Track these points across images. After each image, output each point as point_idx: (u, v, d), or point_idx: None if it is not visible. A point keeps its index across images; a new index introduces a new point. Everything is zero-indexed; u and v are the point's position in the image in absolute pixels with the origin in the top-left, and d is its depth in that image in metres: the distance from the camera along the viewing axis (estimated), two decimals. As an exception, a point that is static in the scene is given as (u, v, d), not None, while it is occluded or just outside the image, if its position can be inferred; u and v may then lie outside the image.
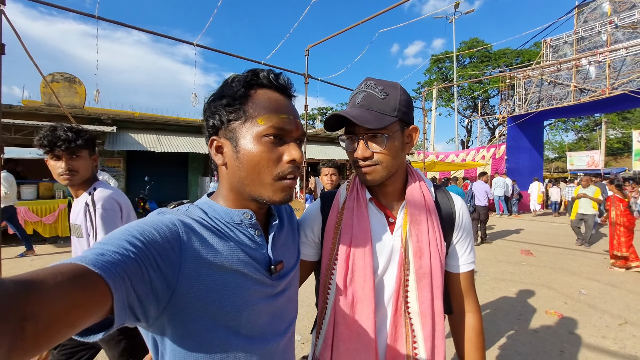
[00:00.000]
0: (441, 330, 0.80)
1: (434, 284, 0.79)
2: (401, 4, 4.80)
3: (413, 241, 0.80)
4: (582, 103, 11.99)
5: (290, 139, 0.64)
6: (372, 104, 0.75)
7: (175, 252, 0.52)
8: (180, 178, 12.51)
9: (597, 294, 4.19)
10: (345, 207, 0.86)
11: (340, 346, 0.80)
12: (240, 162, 0.61)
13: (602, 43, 12.21)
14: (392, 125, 0.76)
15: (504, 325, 3.28)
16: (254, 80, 0.63)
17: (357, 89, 0.80)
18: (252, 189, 0.63)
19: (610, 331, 3.18)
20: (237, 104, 0.61)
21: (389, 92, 0.76)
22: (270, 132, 0.60)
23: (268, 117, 0.60)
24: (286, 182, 0.63)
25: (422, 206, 0.82)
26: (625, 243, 5.34)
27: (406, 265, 0.80)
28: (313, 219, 0.91)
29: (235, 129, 0.62)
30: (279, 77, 0.65)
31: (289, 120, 0.63)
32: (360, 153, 0.77)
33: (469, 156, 15.56)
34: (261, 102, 0.62)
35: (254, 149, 0.60)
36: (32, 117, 9.07)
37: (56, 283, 0.34)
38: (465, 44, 26.98)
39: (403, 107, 0.77)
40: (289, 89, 0.67)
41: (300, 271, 0.85)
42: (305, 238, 0.90)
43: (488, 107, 29.44)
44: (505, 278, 4.81)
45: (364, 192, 0.86)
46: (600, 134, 25.54)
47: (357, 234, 0.81)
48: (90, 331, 0.42)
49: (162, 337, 0.55)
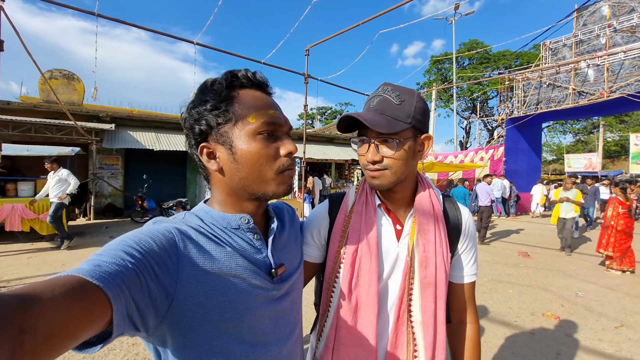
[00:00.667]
0: (442, 340, 0.80)
1: (437, 294, 0.79)
2: (402, 5, 4.80)
3: (419, 251, 0.80)
4: (581, 106, 12.04)
5: (282, 133, 0.65)
6: (386, 109, 0.75)
7: (172, 260, 0.52)
8: (179, 176, 12.48)
9: (594, 297, 4.22)
10: (354, 211, 0.86)
11: (341, 350, 0.80)
12: (239, 163, 0.61)
13: (601, 46, 12.25)
14: (405, 131, 0.75)
15: (500, 327, 3.30)
16: (235, 81, 0.63)
17: (374, 93, 0.80)
18: (256, 187, 0.63)
19: (607, 334, 3.20)
20: (223, 107, 0.61)
21: (404, 98, 0.76)
22: (263, 129, 0.61)
23: (258, 115, 0.61)
24: (287, 174, 0.65)
25: (431, 216, 0.82)
26: (613, 244, 5.40)
27: (411, 274, 0.80)
28: (320, 220, 0.91)
29: (227, 132, 0.61)
30: (256, 74, 0.65)
31: (278, 115, 0.64)
32: (370, 156, 0.77)
33: (467, 157, 15.60)
34: (247, 101, 0.62)
35: (251, 147, 0.60)
36: (30, 114, 9.03)
37: (54, 295, 0.34)
38: (465, 46, 27.05)
39: (418, 114, 0.76)
40: (267, 86, 0.67)
41: (304, 273, 0.85)
42: (311, 239, 0.90)
43: (487, 109, 29.53)
44: (503, 280, 4.83)
45: (374, 197, 0.86)
46: (598, 137, 25.68)
47: (365, 239, 0.81)
48: (89, 344, 0.42)
49: (164, 347, 0.55)
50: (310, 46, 7.21)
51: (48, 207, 6.38)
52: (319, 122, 40.66)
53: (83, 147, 8.93)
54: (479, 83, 23.99)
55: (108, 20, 5.09)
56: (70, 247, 5.95)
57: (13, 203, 6.02)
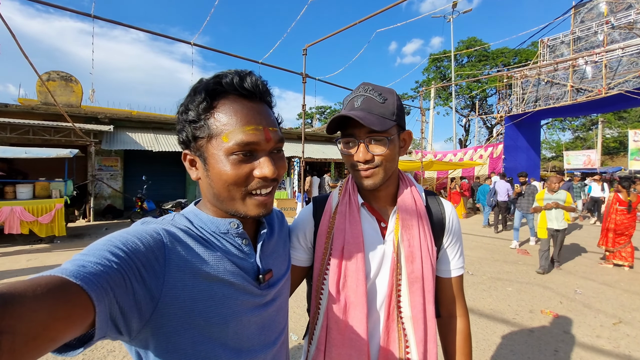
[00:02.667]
0: (433, 334, 0.80)
1: (425, 288, 0.80)
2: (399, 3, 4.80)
3: (405, 246, 0.80)
4: (579, 103, 12.05)
5: (262, 151, 0.60)
6: (372, 108, 0.75)
7: (159, 263, 0.51)
8: (178, 177, 12.48)
9: (592, 294, 4.23)
10: (338, 212, 0.86)
11: (332, 351, 0.80)
12: (211, 179, 0.60)
13: (599, 43, 12.25)
14: (392, 129, 0.77)
15: (499, 324, 3.30)
16: (218, 88, 0.58)
17: (355, 93, 0.79)
18: (226, 204, 0.61)
19: (605, 330, 3.21)
20: (201, 120, 0.58)
21: (387, 97, 0.77)
22: (236, 150, 0.56)
23: (232, 133, 0.56)
24: (259, 199, 0.60)
25: (414, 211, 0.83)
26: (613, 239, 5.40)
27: (398, 270, 0.80)
28: (305, 223, 0.91)
29: (201, 147, 0.59)
30: (244, 80, 0.59)
31: (257, 132, 0.58)
32: (362, 156, 0.76)
33: (466, 155, 15.61)
34: (225, 115, 0.57)
35: (222, 168, 0.57)
36: (28, 116, 9.02)
37: (35, 296, 0.33)
38: (463, 43, 27.02)
39: (400, 112, 0.79)
40: (257, 93, 0.60)
41: (293, 277, 0.85)
42: (297, 243, 0.89)
43: (486, 106, 29.51)
44: (502, 277, 4.84)
45: (356, 196, 0.86)
46: (597, 134, 25.69)
47: (350, 238, 0.81)
48: (69, 346, 0.41)
49: (146, 351, 0.53)
50: (307, 45, 7.21)
51: (47, 210, 6.38)
52: (318, 122, 40.62)
53: (82, 149, 8.92)
54: (477, 81, 23.98)
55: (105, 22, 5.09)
56: (71, 248, 5.95)
57: (12, 206, 6.02)
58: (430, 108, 21.27)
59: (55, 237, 6.61)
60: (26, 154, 6.62)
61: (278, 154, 0.64)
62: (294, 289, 0.91)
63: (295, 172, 12.20)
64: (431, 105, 21.35)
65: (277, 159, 0.63)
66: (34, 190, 6.74)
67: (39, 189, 6.79)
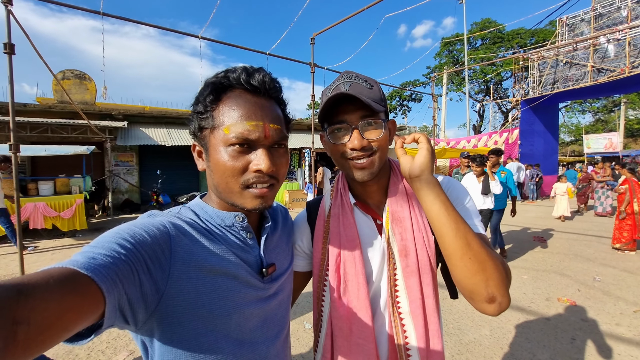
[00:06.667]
0: (436, 329, 0.75)
1: (423, 281, 0.75)
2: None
3: (397, 240, 0.76)
4: (600, 83, 11.51)
5: (261, 145, 0.60)
6: (362, 92, 0.70)
7: (165, 255, 0.52)
8: (192, 171, 12.68)
9: (612, 281, 4.12)
10: (331, 215, 0.82)
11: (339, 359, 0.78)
12: (211, 170, 0.62)
13: (622, 19, 11.61)
14: (382, 114, 0.74)
15: (514, 312, 3.27)
16: (226, 82, 0.60)
17: (339, 81, 0.73)
18: (225, 195, 0.62)
19: (625, 318, 3.14)
20: (208, 111, 0.60)
21: (372, 84, 0.73)
22: (234, 142, 0.58)
23: (233, 126, 0.58)
24: (254, 191, 0.60)
25: (405, 202, 0.78)
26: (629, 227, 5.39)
27: (393, 265, 0.77)
28: (301, 229, 0.87)
29: (205, 137, 0.62)
30: (251, 75, 0.60)
31: (257, 127, 0.58)
32: (357, 143, 0.70)
33: (480, 142, 15.22)
34: (228, 108, 0.59)
35: (221, 158, 0.59)
36: (46, 114, 9.29)
37: (48, 287, 0.34)
38: (476, 25, 26.10)
39: (385, 100, 0.76)
40: (263, 89, 0.61)
41: (295, 283, 0.83)
42: (295, 249, 0.87)
43: (501, 91, 28.61)
44: (517, 265, 4.76)
45: (348, 196, 0.82)
46: (619, 115, 24.58)
47: (345, 242, 0.78)
48: (79, 335, 0.42)
49: (151, 341, 0.55)
50: (315, 34, 7.10)
51: (68, 205, 6.62)
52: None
53: (98, 145, 9.17)
54: (492, 64, 23.18)
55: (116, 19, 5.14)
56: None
57: (35, 202, 6.27)
58: (442, 94, 20.76)
59: (77, 231, 6.86)
60: (45, 152, 6.85)
61: (279, 149, 0.64)
62: (297, 295, 0.89)
63: (306, 163, 12.19)
64: (443, 91, 20.83)
65: (278, 155, 0.63)
66: (55, 187, 7.00)
67: (60, 185, 7.05)
